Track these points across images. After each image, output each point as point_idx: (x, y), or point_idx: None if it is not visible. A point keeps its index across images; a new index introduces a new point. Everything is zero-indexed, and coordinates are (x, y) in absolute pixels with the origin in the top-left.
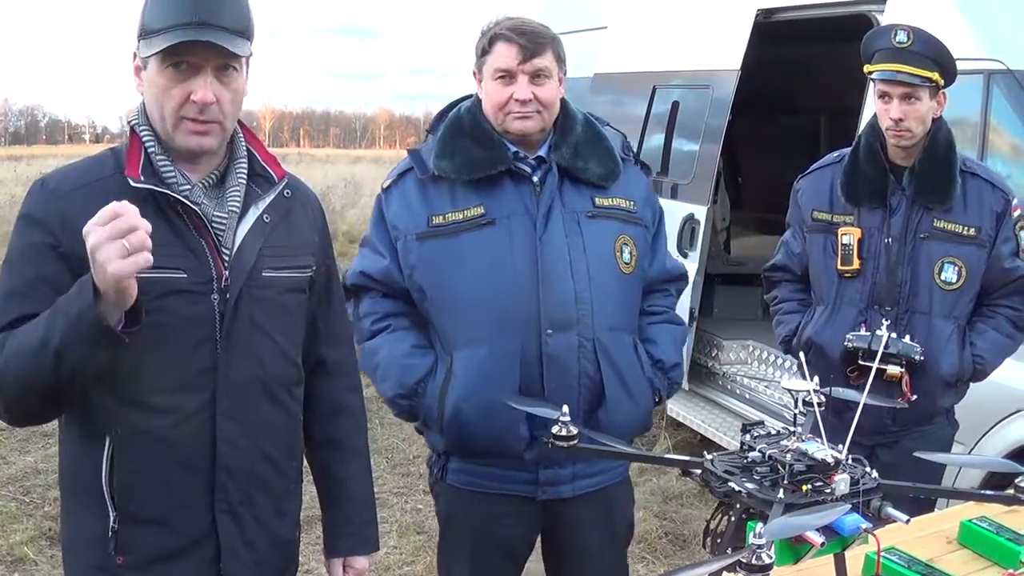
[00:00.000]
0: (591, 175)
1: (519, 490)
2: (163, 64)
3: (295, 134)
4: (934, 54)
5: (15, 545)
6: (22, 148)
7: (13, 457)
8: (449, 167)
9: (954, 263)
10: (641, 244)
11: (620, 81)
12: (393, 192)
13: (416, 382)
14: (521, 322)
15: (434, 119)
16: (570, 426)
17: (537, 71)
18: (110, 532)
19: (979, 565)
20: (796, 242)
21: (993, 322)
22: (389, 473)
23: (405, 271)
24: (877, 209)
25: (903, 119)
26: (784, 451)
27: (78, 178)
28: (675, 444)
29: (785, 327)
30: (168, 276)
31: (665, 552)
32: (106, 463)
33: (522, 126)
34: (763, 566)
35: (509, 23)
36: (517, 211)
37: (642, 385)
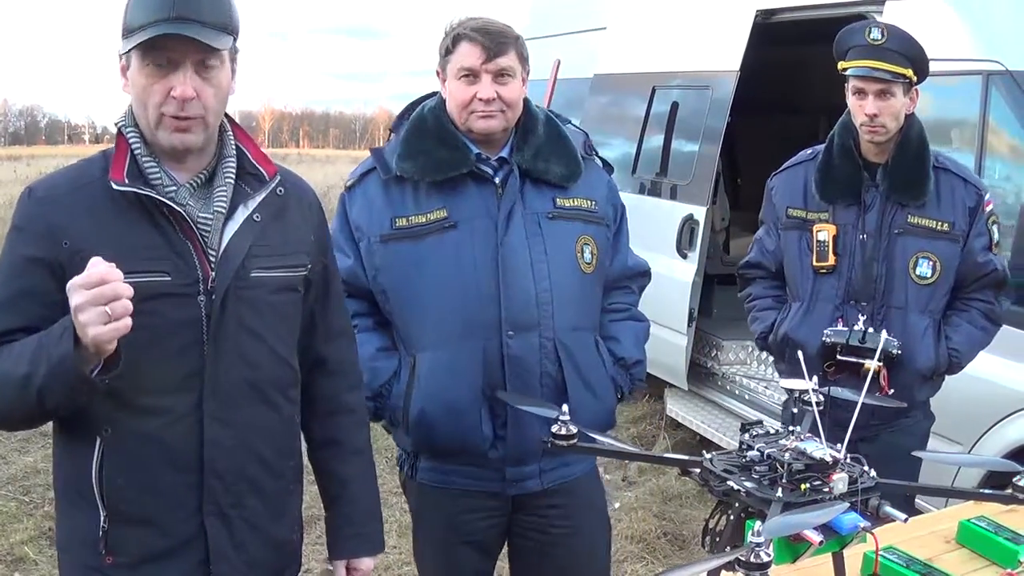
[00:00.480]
0: (552, 176)
1: (487, 487)
2: (143, 61)
3: (295, 135)
4: (908, 51)
5: (15, 545)
6: (22, 148)
7: (13, 457)
8: (412, 168)
9: (928, 258)
10: (602, 243)
11: (619, 82)
12: (356, 191)
13: (381, 385)
14: (483, 324)
15: (396, 118)
16: (569, 425)
17: (501, 70)
18: (100, 532)
19: (977, 564)
20: (770, 239)
21: (967, 315)
22: (389, 473)
23: (369, 272)
24: (852, 206)
25: (878, 115)
26: (783, 450)
27: (64, 184)
28: (674, 444)
29: (761, 324)
30: (152, 280)
31: (664, 552)
32: (96, 464)
33: (486, 125)
34: (761, 564)
35: (472, 23)
36: (479, 213)
37: (604, 383)
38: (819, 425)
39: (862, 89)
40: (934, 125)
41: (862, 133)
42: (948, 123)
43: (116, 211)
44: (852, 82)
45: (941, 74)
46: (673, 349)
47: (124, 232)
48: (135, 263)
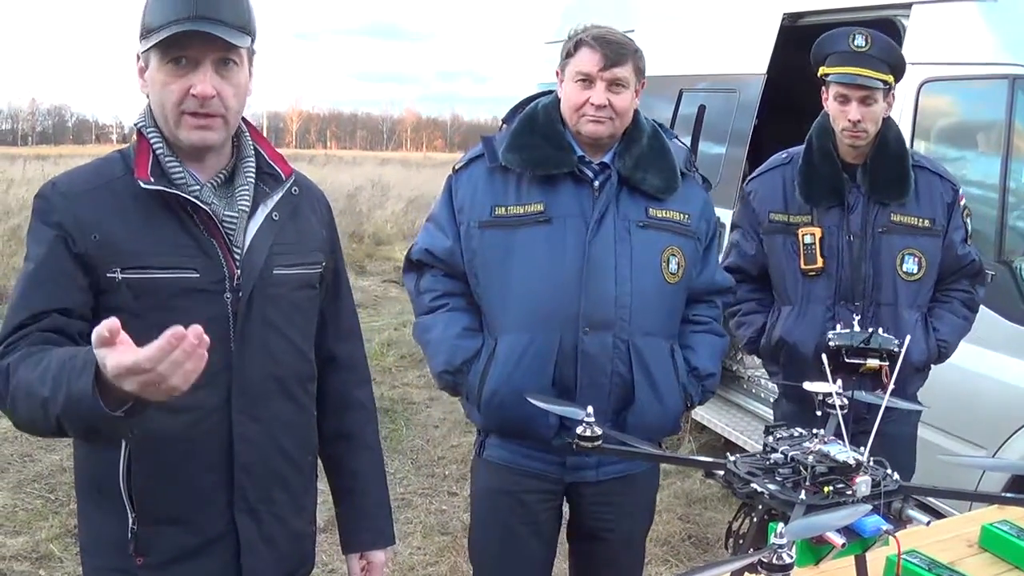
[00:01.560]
0: (649, 186)
1: (547, 471)
2: (163, 60)
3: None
4: (889, 57)
5: (40, 542)
6: (50, 148)
7: (39, 455)
8: (516, 160)
9: (914, 254)
10: (690, 255)
11: (647, 84)
12: (463, 176)
13: (463, 362)
14: (561, 317)
15: (510, 110)
16: (594, 427)
17: (616, 79)
18: (130, 533)
19: (1000, 569)
20: (749, 243)
21: (949, 306)
22: (414, 474)
23: (466, 255)
24: (834, 207)
25: (861, 120)
26: (806, 453)
27: (88, 180)
28: (699, 447)
29: (749, 328)
30: (182, 276)
31: (688, 555)
32: (123, 464)
33: (594, 130)
34: (783, 565)
35: (596, 31)
36: (573, 212)
37: (673, 390)
38: (843, 428)
39: (846, 95)
40: (960, 128)
41: (843, 138)
42: (974, 126)
43: (142, 209)
44: (835, 88)
45: (967, 78)
46: None
47: (152, 230)
48: (164, 260)
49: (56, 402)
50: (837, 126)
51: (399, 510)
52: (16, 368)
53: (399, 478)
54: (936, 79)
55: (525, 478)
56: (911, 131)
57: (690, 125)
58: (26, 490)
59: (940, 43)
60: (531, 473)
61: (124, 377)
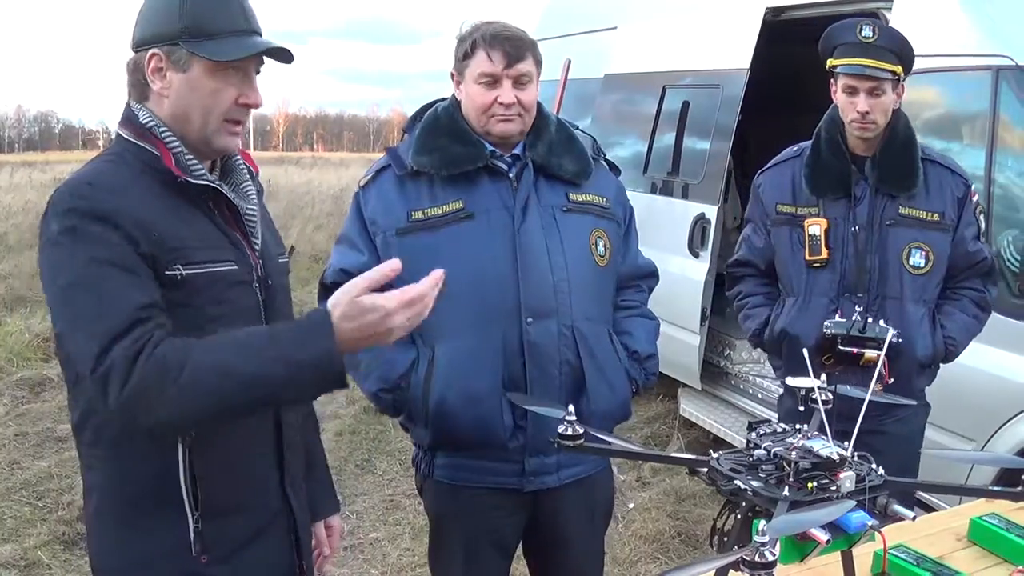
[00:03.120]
0: (565, 172)
1: (506, 483)
2: (215, 67)
3: (308, 138)
4: (897, 48)
5: (29, 550)
6: (36, 154)
7: (27, 462)
8: (428, 163)
9: (921, 248)
10: (614, 239)
11: (630, 81)
12: (371, 189)
13: (399, 376)
14: (502, 312)
15: (409, 120)
16: (576, 426)
17: (520, 75)
18: (192, 534)
19: (989, 562)
20: (758, 237)
21: (959, 304)
22: (403, 475)
23: None
24: (841, 199)
25: (869, 112)
26: (790, 448)
27: (121, 178)
28: (688, 444)
29: (754, 321)
30: (227, 269)
31: (678, 552)
32: (184, 466)
33: (505, 128)
34: (766, 563)
35: (491, 28)
36: (495, 205)
37: (620, 375)
38: (826, 423)
39: (854, 87)
40: (944, 120)
41: (852, 129)
42: (958, 118)
43: (175, 206)
44: (843, 80)
45: (951, 69)
46: (686, 348)
47: (193, 224)
48: (211, 254)
49: (275, 374)
50: (846, 118)
51: (388, 512)
52: (179, 356)
53: (387, 479)
54: (919, 71)
55: (484, 497)
56: None
57: (674, 121)
58: (14, 497)
59: (923, 35)
60: (490, 489)
61: (398, 313)
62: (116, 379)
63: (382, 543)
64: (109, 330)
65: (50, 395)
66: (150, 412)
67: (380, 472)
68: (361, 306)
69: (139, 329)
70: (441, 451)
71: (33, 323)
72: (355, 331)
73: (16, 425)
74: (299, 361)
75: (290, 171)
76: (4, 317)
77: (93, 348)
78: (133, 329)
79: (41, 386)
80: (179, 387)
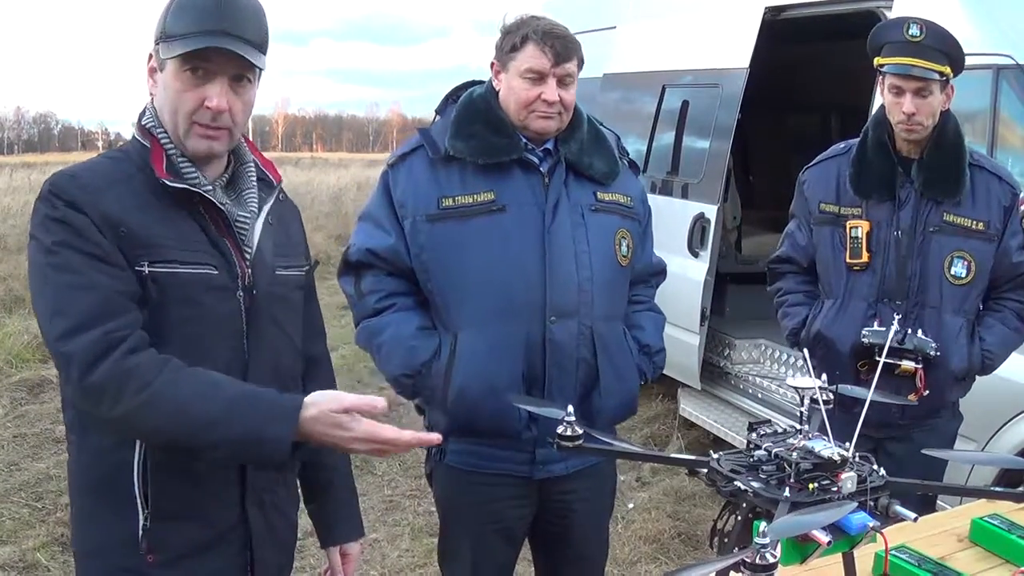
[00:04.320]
0: (595, 171)
1: (516, 470)
2: (181, 67)
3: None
4: (945, 47)
5: (27, 551)
6: (36, 156)
7: (26, 463)
8: (464, 149)
9: (963, 257)
10: (637, 238)
11: (629, 81)
12: (400, 170)
13: (422, 363)
14: (527, 308)
15: (443, 100)
16: (575, 426)
17: (566, 75)
18: (141, 531)
19: (991, 563)
20: (801, 234)
21: (1000, 316)
22: (402, 476)
23: (413, 250)
24: (885, 202)
25: (916, 113)
26: (790, 449)
27: (106, 175)
28: (688, 444)
29: (793, 319)
30: (203, 272)
31: (678, 552)
32: (138, 462)
33: (544, 125)
34: (767, 565)
35: (541, 24)
36: (527, 200)
37: (631, 371)
38: (827, 424)
39: (900, 87)
40: None
41: (898, 131)
42: (959, 116)
43: (160, 206)
44: (889, 79)
45: None
46: (686, 348)
47: (172, 226)
48: (187, 255)
49: (228, 431)
50: (892, 118)
51: (387, 512)
52: (150, 373)
53: (387, 480)
54: None
55: (494, 485)
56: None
57: (673, 121)
58: (12, 499)
59: None
60: (500, 476)
61: (361, 443)
62: (78, 364)
63: (381, 544)
64: (80, 313)
65: (49, 396)
66: (110, 407)
67: (379, 473)
68: (334, 420)
69: (113, 322)
70: (456, 437)
71: (32, 325)
72: (316, 434)
73: (15, 427)
74: (251, 431)
75: (289, 172)
76: (3, 319)
77: (61, 328)
78: (107, 317)
79: (40, 388)
80: (137, 403)
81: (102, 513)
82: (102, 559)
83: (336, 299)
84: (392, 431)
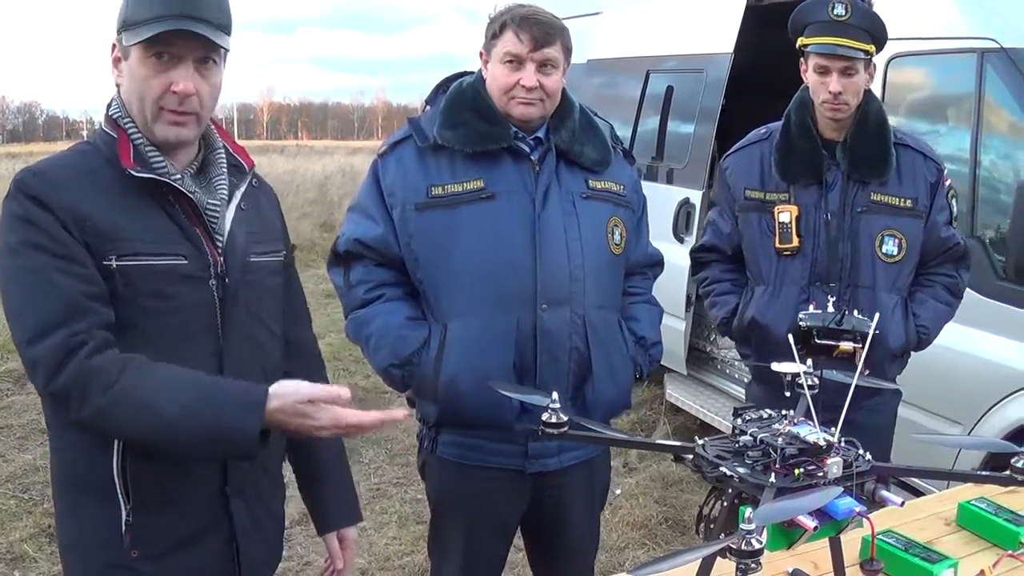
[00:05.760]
0: (587, 159)
1: (508, 463)
2: (145, 54)
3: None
4: (870, 26)
5: (15, 543)
6: (20, 146)
7: (12, 455)
8: (452, 137)
9: (894, 235)
10: (630, 227)
11: (614, 67)
12: (390, 158)
13: (411, 353)
14: (518, 296)
15: (433, 91)
16: (559, 413)
17: (545, 60)
18: (124, 526)
19: (978, 546)
20: (725, 221)
21: (931, 291)
22: (388, 464)
23: (402, 240)
24: (812, 185)
25: (842, 92)
26: (776, 435)
27: (70, 168)
28: (674, 430)
29: (722, 308)
30: (172, 263)
31: (665, 538)
32: (117, 456)
33: (525, 111)
34: (753, 551)
35: (522, 11)
36: (516, 188)
37: (625, 363)
38: (812, 409)
39: (826, 67)
40: (930, 102)
41: (823, 111)
42: (944, 100)
43: (127, 197)
44: (814, 59)
45: (937, 52)
46: (672, 334)
47: (139, 217)
48: (155, 246)
49: (195, 426)
50: (817, 99)
51: (374, 500)
52: (113, 374)
53: (373, 468)
54: (905, 54)
55: (486, 478)
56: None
57: (658, 106)
58: None
59: (908, 18)
60: (492, 469)
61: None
62: (43, 370)
63: (368, 532)
64: (42, 317)
65: (34, 388)
66: (77, 409)
67: (366, 461)
68: (298, 411)
69: (77, 323)
70: (447, 428)
71: None
72: (282, 424)
73: (1, 418)
74: (218, 426)
75: (274, 160)
76: None
77: (26, 333)
78: (69, 321)
79: (25, 379)
80: (103, 404)
81: (85, 508)
82: (87, 554)
83: (322, 287)
84: (356, 414)
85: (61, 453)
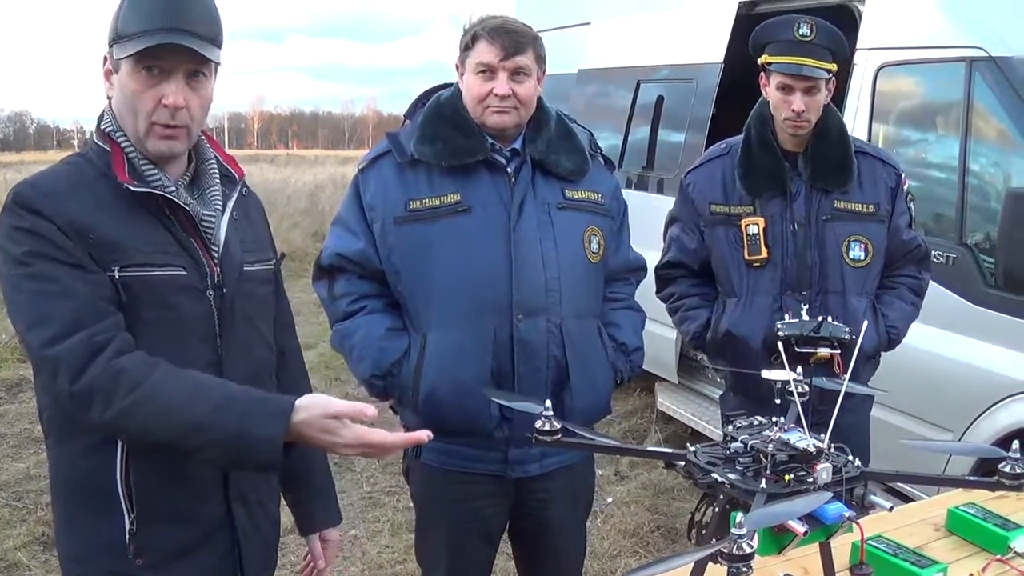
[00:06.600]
0: (562, 169)
1: (490, 469)
2: (136, 68)
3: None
4: (833, 45)
5: (8, 551)
6: (11, 155)
7: (6, 463)
8: (430, 152)
9: (860, 241)
10: (608, 235)
11: (604, 77)
12: (370, 174)
13: (392, 364)
14: (494, 307)
15: (411, 105)
16: (553, 421)
17: (517, 68)
18: (127, 535)
19: (967, 551)
20: (689, 237)
21: (896, 292)
22: (381, 473)
23: (382, 253)
24: (776, 197)
25: (805, 111)
26: (766, 441)
27: (67, 181)
28: (666, 438)
29: (693, 323)
30: (173, 274)
31: (657, 546)
32: (120, 465)
33: (499, 120)
34: (743, 555)
35: (493, 21)
36: (492, 200)
37: (605, 370)
38: (802, 416)
39: (790, 86)
40: (919, 111)
41: (785, 127)
42: (932, 109)
43: (124, 210)
44: (778, 78)
45: (925, 61)
46: (663, 343)
47: (139, 229)
48: (156, 258)
49: (220, 431)
50: (779, 115)
51: (367, 509)
52: (138, 375)
53: (366, 476)
54: (893, 63)
55: (469, 483)
56: (869, 116)
57: (649, 116)
58: None
59: (896, 27)
60: (474, 475)
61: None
62: (66, 368)
63: (361, 540)
64: (63, 319)
65: (28, 396)
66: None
67: (358, 470)
68: (324, 426)
69: (96, 326)
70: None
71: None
72: (306, 438)
73: None
74: (242, 433)
75: (265, 169)
76: None
77: (47, 334)
78: (91, 322)
79: (19, 387)
80: (128, 404)
81: (87, 518)
82: (89, 564)
83: (313, 296)
84: (380, 435)
85: (61, 462)
